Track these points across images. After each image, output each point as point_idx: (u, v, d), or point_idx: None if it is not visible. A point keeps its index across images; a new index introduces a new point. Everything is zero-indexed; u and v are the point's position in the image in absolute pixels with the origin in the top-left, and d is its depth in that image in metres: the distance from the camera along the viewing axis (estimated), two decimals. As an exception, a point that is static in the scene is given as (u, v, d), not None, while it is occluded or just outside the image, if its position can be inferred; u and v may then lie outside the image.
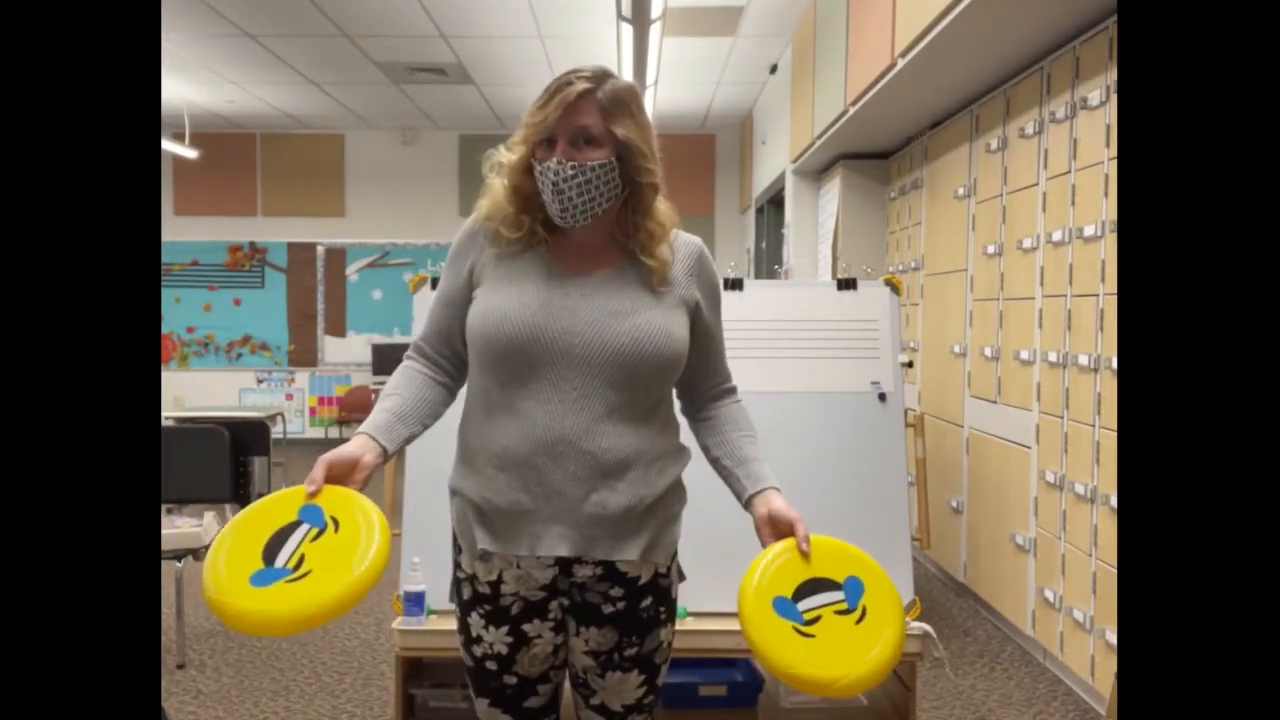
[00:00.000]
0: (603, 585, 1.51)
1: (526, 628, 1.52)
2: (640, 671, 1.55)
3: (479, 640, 1.54)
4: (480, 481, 1.49)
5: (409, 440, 1.51)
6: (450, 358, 1.58)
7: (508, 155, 1.50)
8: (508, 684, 1.55)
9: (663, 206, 1.53)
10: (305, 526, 1.32)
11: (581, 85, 1.44)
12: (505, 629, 1.52)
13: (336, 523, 1.33)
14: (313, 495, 1.36)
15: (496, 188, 1.53)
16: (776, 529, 1.52)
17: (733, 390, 1.67)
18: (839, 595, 1.47)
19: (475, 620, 1.54)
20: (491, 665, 1.54)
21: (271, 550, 1.30)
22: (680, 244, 1.56)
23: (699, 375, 1.61)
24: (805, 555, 1.48)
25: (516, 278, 1.50)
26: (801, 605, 1.44)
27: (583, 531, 1.46)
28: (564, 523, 1.45)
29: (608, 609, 1.51)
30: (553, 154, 1.44)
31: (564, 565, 1.50)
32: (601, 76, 1.47)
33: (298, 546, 1.31)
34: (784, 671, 1.41)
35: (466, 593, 1.55)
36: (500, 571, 1.51)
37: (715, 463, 1.62)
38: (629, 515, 1.47)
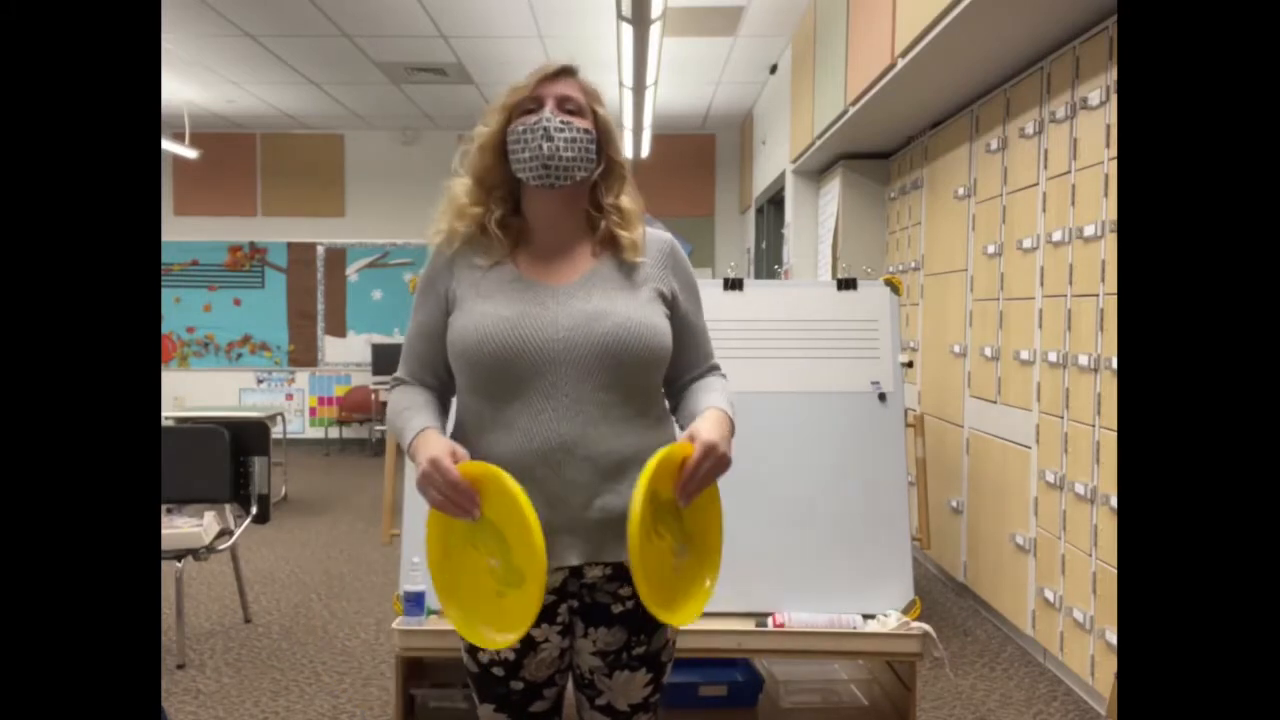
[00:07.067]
0: (613, 585, 1.51)
1: (534, 633, 1.51)
2: (647, 670, 1.55)
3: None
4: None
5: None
6: (436, 386, 1.59)
7: (482, 129, 1.53)
8: (514, 689, 1.54)
9: (632, 194, 1.57)
10: (490, 560, 1.40)
11: (563, 65, 1.52)
12: None
13: (513, 595, 1.38)
14: (474, 515, 1.39)
15: (455, 189, 1.55)
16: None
17: (715, 368, 1.65)
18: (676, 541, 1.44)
19: None
20: (498, 671, 1.54)
21: (480, 529, 1.39)
22: (651, 239, 1.58)
23: (682, 366, 1.60)
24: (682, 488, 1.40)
25: (489, 293, 1.50)
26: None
27: (590, 538, 1.46)
28: (571, 531, 1.45)
29: (617, 608, 1.51)
30: (538, 115, 1.48)
31: (574, 569, 1.50)
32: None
33: (490, 554, 1.39)
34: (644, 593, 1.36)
35: None
36: None
37: (676, 416, 1.60)
38: None
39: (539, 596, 1.33)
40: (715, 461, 1.40)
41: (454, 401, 1.59)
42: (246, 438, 3.88)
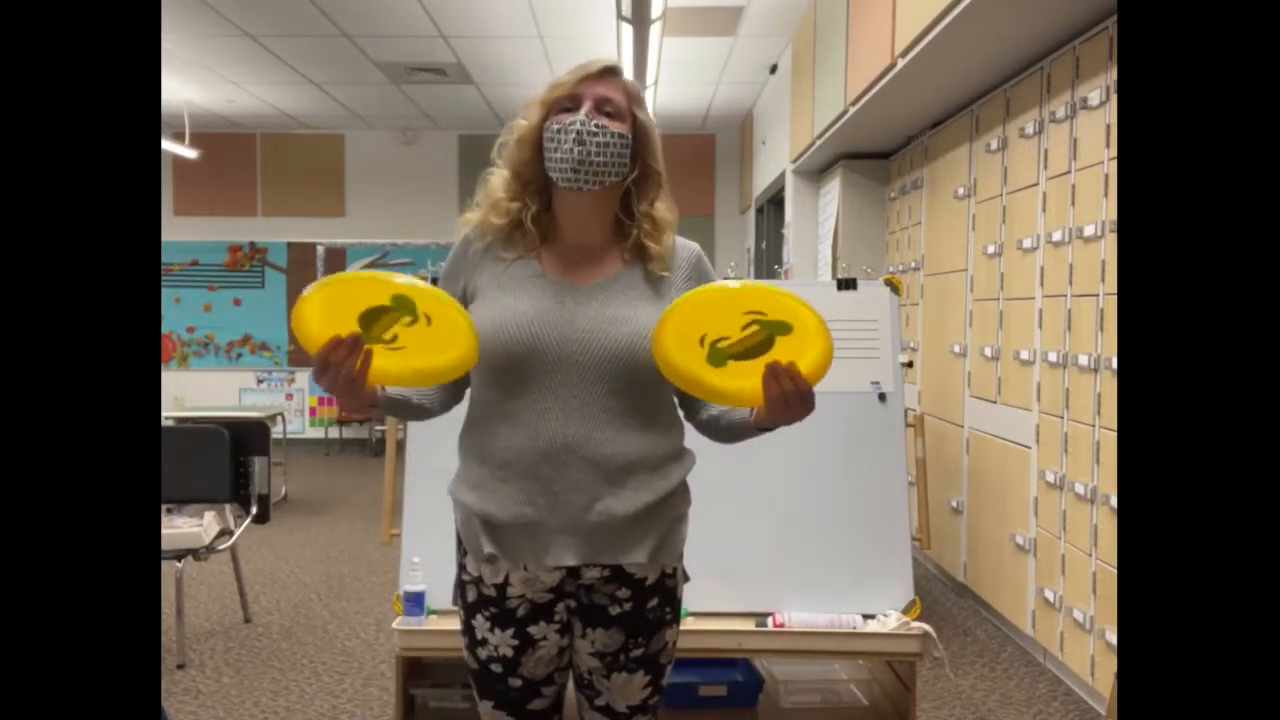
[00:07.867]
0: (610, 586, 1.51)
1: (532, 630, 1.52)
2: (646, 672, 1.55)
3: (484, 643, 1.54)
4: (484, 495, 1.48)
5: (401, 401, 1.47)
6: None
7: (521, 123, 1.51)
8: (513, 686, 1.55)
9: (667, 202, 1.55)
10: (398, 313, 1.33)
11: (607, 64, 1.49)
12: (511, 632, 1.52)
13: (429, 319, 1.33)
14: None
15: (493, 181, 1.55)
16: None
17: None
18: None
19: (480, 623, 1.54)
20: (497, 668, 1.54)
21: (368, 320, 1.32)
22: (680, 248, 1.57)
23: None
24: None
25: (511, 288, 1.49)
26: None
27: (589, 539, 1.45)
28: (570, 532, 1.45)
29: (614, 610, 1.51)
30: (574, 115, 1.46)
31: (572, 568, 1.50)
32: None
33: (393, 326, 1.33)
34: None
35: (472, 595, 1.55)
36: (507, 574, 1.50)
37: (729, 425, 1.55)
38: (635, 520, 1.46)
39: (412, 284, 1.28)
40: (800, 394, 1.45)
41: (467, 395, 1.59)
42: (246, 438, 3.88)
